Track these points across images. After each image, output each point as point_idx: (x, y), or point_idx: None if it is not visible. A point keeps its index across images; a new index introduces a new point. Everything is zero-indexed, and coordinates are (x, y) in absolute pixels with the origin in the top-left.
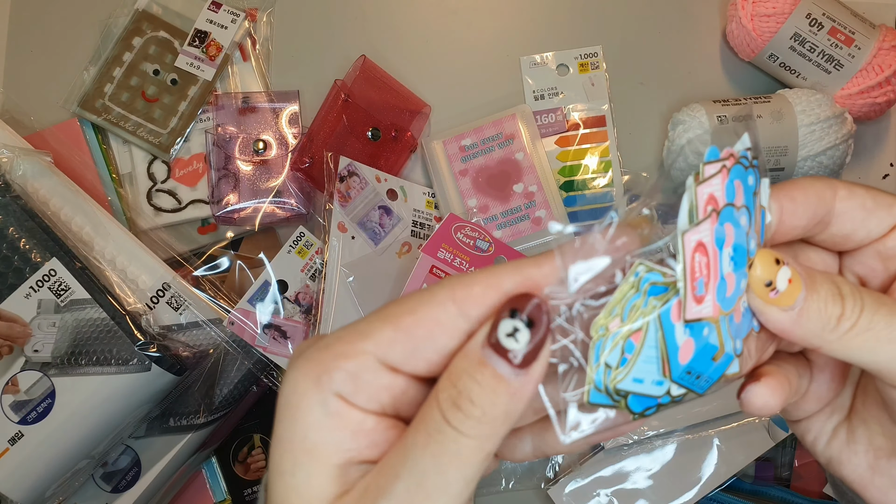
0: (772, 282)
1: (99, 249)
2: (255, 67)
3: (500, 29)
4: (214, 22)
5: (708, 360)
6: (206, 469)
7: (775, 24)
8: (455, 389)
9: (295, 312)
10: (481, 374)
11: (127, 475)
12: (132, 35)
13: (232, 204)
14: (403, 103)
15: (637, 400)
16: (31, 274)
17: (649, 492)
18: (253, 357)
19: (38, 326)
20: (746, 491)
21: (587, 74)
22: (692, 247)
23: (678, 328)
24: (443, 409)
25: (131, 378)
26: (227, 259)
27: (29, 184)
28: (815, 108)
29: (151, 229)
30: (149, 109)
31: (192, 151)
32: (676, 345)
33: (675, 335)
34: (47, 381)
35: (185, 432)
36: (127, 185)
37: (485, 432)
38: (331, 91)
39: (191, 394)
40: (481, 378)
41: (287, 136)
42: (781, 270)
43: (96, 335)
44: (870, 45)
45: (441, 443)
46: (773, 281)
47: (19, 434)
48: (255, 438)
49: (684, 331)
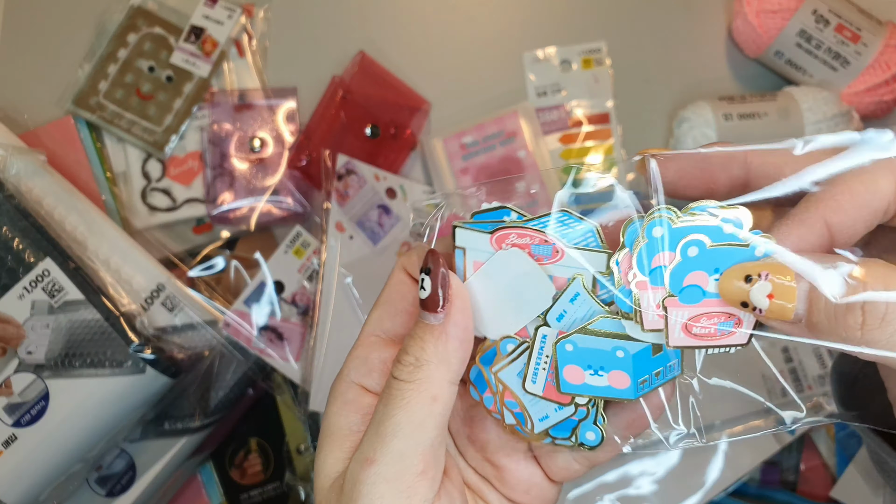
0: (746, 303)
1: (93, 249)
2: (251, 64)
3: (502, 24)
4: (210, 18)
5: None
6: (202, 473)
7: (781, 21)
8: (400, 349)
9: (292, 314)
10: (415, 328)
11: (122, 479)
12: (127, 31)
13: (227, 203)
14: (403, 100)
15: (559, 428)
16: (24, 274)
17: (654, 497)
18: (249, 359)
19: (31, 328)
20: (752, 495)
21: (591, 70)
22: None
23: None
24: (392, 369)
25: (126, 380)
26: (222, 259)
27: (22, 183)
28: (821, 105)
29: (146, 229)
30: (143, 107)
31: (187, 149)
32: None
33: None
34: (41, 383)
35: (180, 436)
36: (121, 183)
37: (420, 376)
38: (329, 88)
39: (186, 397)
40: (414, 331)
41: (284, 134)
42: (754, 289)
43: (90, 337)
44: (877, 42)
45: (388, 394)
46: (746, 302)
47: (13, 437)
48: (252, 442)
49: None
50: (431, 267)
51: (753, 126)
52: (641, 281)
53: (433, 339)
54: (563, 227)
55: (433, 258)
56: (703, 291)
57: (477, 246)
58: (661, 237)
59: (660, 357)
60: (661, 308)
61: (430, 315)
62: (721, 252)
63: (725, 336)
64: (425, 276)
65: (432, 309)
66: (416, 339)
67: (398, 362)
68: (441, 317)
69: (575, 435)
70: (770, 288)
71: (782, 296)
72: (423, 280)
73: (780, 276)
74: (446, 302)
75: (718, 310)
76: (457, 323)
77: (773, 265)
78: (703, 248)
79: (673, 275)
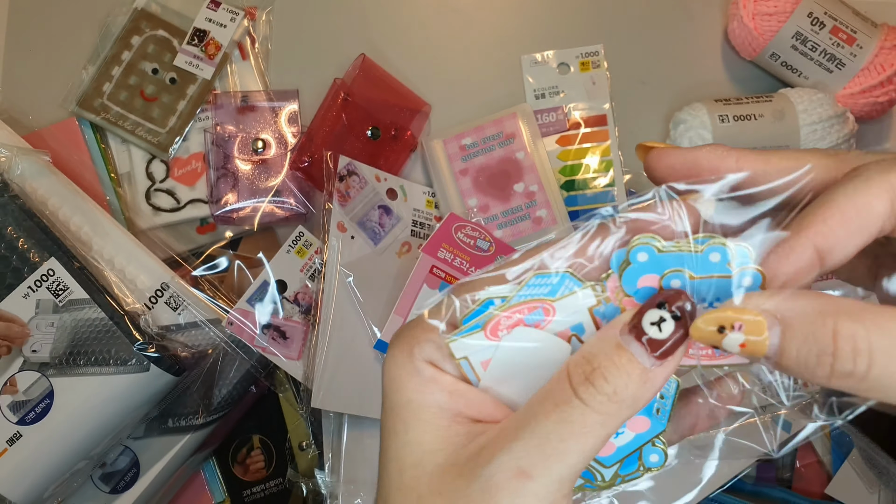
0: (718, 347)
1: (97, 249)
2: (254, 66)
3: (501, 27)
4: (213, 20)
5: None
6: (206, 470)
7: (777, 23)
8: (589, 366)
9: (294, 312)
10: (618, 356)
11: (126, 476)
12: (131, 34)
13: (231, 203)
14: (403, 102)
15: (626, 465)
16: (29, 274)
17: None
18: (252, 357)
19: (36, 326)
20: (748, 492)
21: (588, 73)
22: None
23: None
24: (574, 382)
25: (130, 378)
26: (225, 259)
27: (27, 183)
28: (816, 107)
29: (150, 229)
30: (147, 108)
31: (190, 151)
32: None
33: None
34: (46, 381)
35: (183, 433)
36: (125, 184)
37: (611, 410)
38: (330, 90)
39: (189, 394)
40: (618, 360)
41: (286, 135)
42: (726, 339)
43: (95, 335)
44: (872, 44)
45: (567, 412)
46: (718, 347)
47: (18, 434)
48: (255, 439)
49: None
50: (681, 314)
51: (749, 128)
52: (628, 299)
53: (640, 382)
54: (541, 287)
55: (684, 301)
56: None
57: (476, 348)
58: (645, 263)
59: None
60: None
61: (646, 357)
62: (704, 284)
63: (725, 356)
64: (668, 318)
65: (654, 352)
66: (622, 372)
67: (590, 384)
68: (656, 364)
69: (641, 464)
70: (742, 339)
71: (755, 347)
72: (664, 321)
73: (754, 334)
74: (672, 356)
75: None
76: (667, 376)
77: (749, 320)
78: (685, 281)
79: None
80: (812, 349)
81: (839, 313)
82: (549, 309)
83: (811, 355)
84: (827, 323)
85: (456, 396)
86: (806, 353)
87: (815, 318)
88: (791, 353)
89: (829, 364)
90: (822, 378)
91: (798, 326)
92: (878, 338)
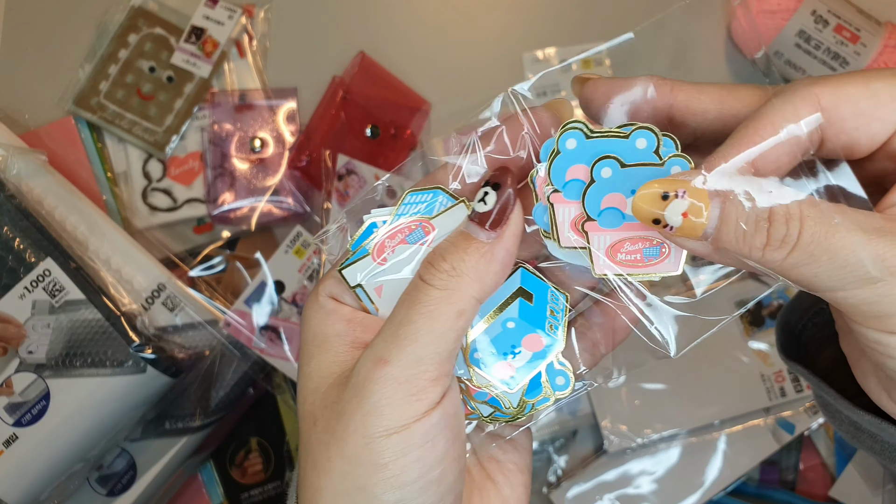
0: (659, 220)
1: (94, 249)
2: (251, 64)
3: (502, 25)
4: (211, 18)
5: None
6: (203, 473)
7: (780, 21)
8: (434, 254)
9: (292, 313)
10: (457, 238)
11: (122, 478)
12: (128, 32)
13: (228, 203)
14: (403, 100)
15: (531, 388)
16: (25, 274)
17: (653, 496)
18: (250, 359)
19: (32, 327)
20: (751, 494)
21: (590, 71)
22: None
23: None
24: (420, 271)
25: (126, 380)
26: (222, 259)
27: (23, 183)
28: None
29: (147, 229)
30: (144, 107)
31: (187, 149)
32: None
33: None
34: (42, 382)
35: (181, 435)
36: (122, 183)
37: (452, 285)
38: (329, 88)
39: (187, 396)
40: (457, 241)
41: (284, 134)
42: (670, 206)
43: (91, 336)
44: (875, 42)
45: (413, 297)
46: (660, 219)
47: (14, 436)
48: (252, 442)
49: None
50: (500, 183)
51: None
52: (556, 193)
53: (476, 255)
54: (417, 205)
55: (503, 175)
56: (622, 215)
57: (367, 273)
58: (575, 149)
59: (537, 299)
60: (581, 230)
61: (480, 231)
62: (636, 172)
63: (654, 263)
64: (490, 191)
65: (485, 225)
66: (458, 250)
67: (430, 265)
68: (493, 236)
69: (547, 387)
70: (686, 206)
71: (696, 213)
72: (486, 194)
73: (697, 197)
74: (504, 225)
75: (640, 234)
76: (507, 248)
77: (693, 188)
78: (617, 169)
79: (589, 197)
80: (751, 217)
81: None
82: (427, 227)
83: (749, 222)
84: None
85: (353, 324)
86: (745, 220)
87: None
88: (731, 222)
89: (766, 229)
90: (758, 248)
91: (738, 198)
92: (807, 208)
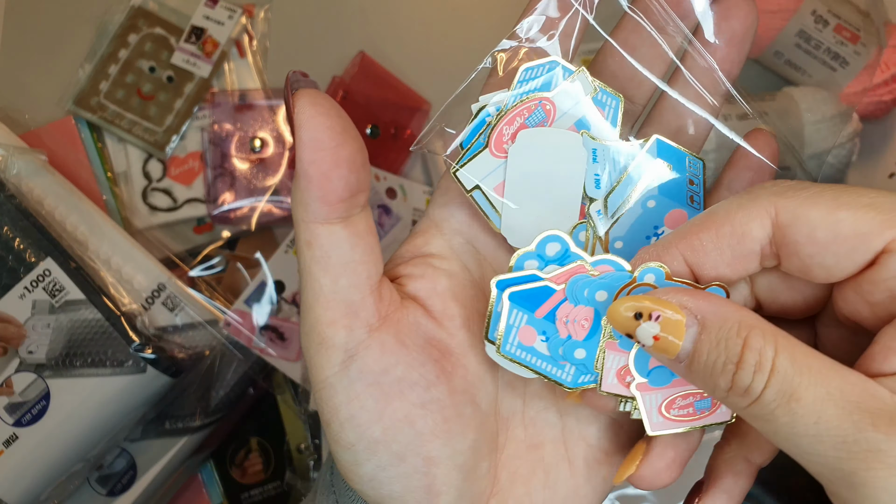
0: (631, 336)
1: (94, 249)
2: (252, 64)
3: (502, 24)
4: (211, 18)
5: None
6: (203, 473)
7: (780, 21)
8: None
9: (292, 313)
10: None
11: (123, 478)
12: (128, 32)
13: (228, 203)
14: (403, 100)
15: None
16: (25, 274)
17: (653, 496)
18: (250, 359)
19: (32, 327)
20: (751, 494)
21: None
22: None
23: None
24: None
25: (127, 380)
26: (222, 259)
27: (23, 183)
28: (820, 106)
29: (147, 228)
30: (144, 107)
31: (188, 149)
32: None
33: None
34: (42, 382)
35: (181, 435)
36: (122, 183)
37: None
38: (329, 88)
39: (187, 396)
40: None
41: (285, 134)
42: (640, 328)
43: (91, 336)
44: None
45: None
46: (632, 335)
47: (14, 436)
48: (253, 442)
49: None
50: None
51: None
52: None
53: (294, 184)
54: (533, 80)
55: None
56: (670, 372)
57: (486, 170)
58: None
59: (676, 169)
60: (625, 383)
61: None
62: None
63: (707, 415)
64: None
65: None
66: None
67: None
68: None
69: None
70: (657, 331)
71: (668, 343)
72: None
73: (671, 332)
74: (295, 136)
75: (691, 389)
76: (301, 158)
77: (669, 316)
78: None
79: (637, 358)
80: (721, 355)
81: (755, 328)
82: (548, 105)
83: (718, 361)
84: (741, 332)
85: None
86: (715, 358)
87: (733, 325)
88: (702, 355)
89: (731, 374)
90: (722, 390)
91: (714, 330)
92: (782, 361)
